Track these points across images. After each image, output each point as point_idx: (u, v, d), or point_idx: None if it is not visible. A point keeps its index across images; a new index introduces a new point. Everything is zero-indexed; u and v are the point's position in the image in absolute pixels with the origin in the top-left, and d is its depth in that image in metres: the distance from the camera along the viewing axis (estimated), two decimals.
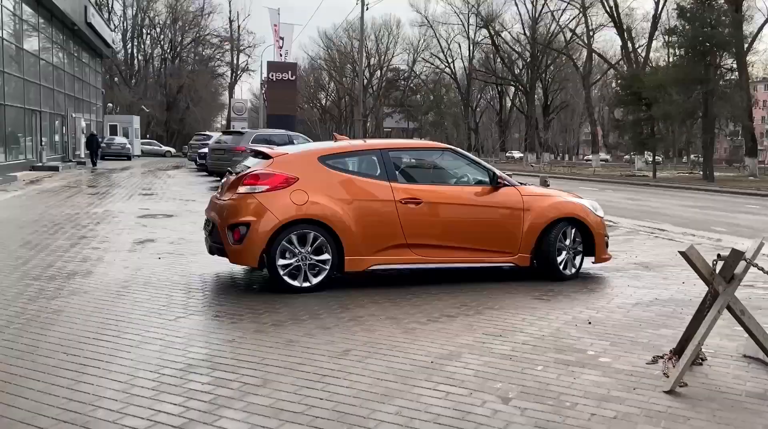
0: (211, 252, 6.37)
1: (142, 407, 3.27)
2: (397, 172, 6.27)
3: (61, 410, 3.21)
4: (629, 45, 44.37)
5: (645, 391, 3.59)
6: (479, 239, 6.34)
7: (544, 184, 10.83)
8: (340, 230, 5.83)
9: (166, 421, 3.12)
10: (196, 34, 66.17)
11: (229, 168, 6.96)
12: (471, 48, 66.63)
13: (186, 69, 65.20)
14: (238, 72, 69.48)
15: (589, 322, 5.03)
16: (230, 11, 68.40)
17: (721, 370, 3.99)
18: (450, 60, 69.67)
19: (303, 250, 5.79)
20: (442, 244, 6.20)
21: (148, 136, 57.95)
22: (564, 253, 6.61)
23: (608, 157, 68.80)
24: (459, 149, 7.00)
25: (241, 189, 5.92)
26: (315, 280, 5.83)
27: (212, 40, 68.15)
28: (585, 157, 65.51)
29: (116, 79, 61.99)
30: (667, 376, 3.73)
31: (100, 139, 33.69)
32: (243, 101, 60.15)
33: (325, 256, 5.86)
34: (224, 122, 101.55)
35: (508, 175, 6.94)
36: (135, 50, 65.81)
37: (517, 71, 63.42)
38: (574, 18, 52.73)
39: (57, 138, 30.79)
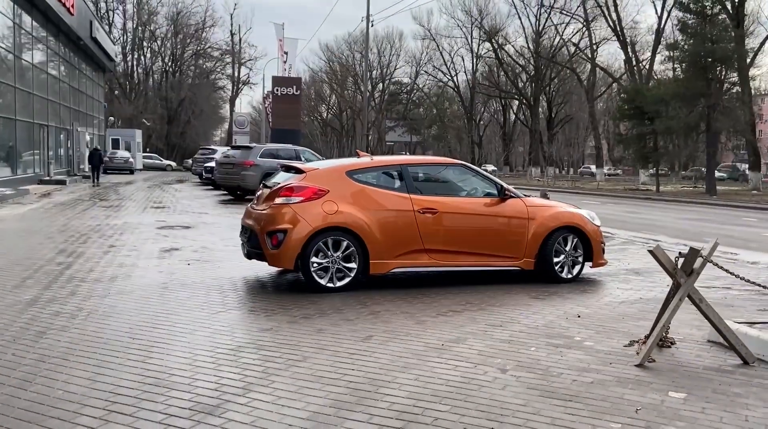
0: (249, 257, 7.30)
1: (208, 375, 4.15)
2: (415, 185, 7.22)
3: (141, 377, 4.08)
4: (633, 59, 45.51)
5: (619, 366, 4.46)
6: (488, 245, 7.26)
7: (544, 197, 11.74)
8: (365, 236, 6.74)
9: (231, 383, 3.99)
10: (197, 47, 67.52)
11: (264, 182, 7.87)
12: (474, 61, 67.88)
13: (186, 82, 66.46)
14: (239, 85, 70.83)
15: (579, 316, 5.90)
16: (231, 24, 69.48)
17: (686, 351, 4.86)
18: (453, 73, 71.05)
19: (333, 255, 6.69)
20: (455, 249, 7.12)
21: (147, 149, 59.01)
22: (562, 256, 7.51)
23: (619, 171, 69.74)
24: (470, 165, 7.96)
25: (278, 200, 6.83)
26: (341, 283, 6.73)
27: (213, 53, 69.57)
28: (581, 170, 66.15)
29: (116, 92, 63.21)
30: (638, 354, 4.60)
31: (102, 154, 34.57)
32: (244, 115, 61.26)
33: (353, 265, 6.75)
34: (223, 136, 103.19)
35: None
36: (135, 63, 67.17)
37: (520, 84, 64.57)
38: (577, 32, 54.02)
39: (61, 152, 31.77)
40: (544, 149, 58.05)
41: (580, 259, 7.66)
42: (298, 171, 7.28)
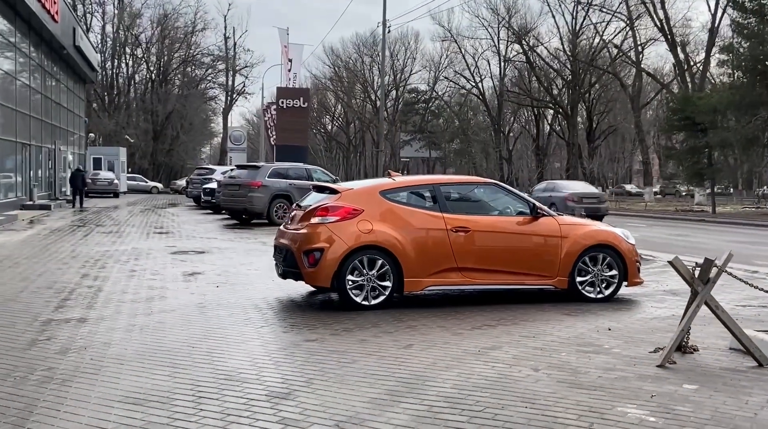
0: (284, 276, 8.68)
1: (272, 372, 5.48)
2: (448, 204, 8.56)
3: (214, 374, 5.41)
4: (684, 62, 46.96)
5: (642, 366, 5.75)
6: (521, 264, 8.57)
7: (582, 217, 13.08)
8: (399, 255, 8.07)
9: (293, 378, 5.32)
10: (186, 52, 69.84)
11: (297, 202, 9.27)
12: (502, 65, 69.66)
13: (174, 92, 68.68)
14: (234, 95, 73.00)
15: (609, 329, 7.19)
16: (225, 27, 71.84)
17: (706, 356, 6.14)
18: (478, 79, 72.71)
19: (368, 273, 8.02)
20: (488, 267, 8.44)
21: (130, 169, 60.96)
22: (588, 276, 8.79)
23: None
24: (502, 184, 9.33)
25: (314, 220, 8.21)
26: (376, 301, 8.05)
27: (204, 60, 71.87)
28: (615, 189, 67.11)
29: (94, 105, 65.41)
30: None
31: (85, 175, 36.12)
32: (241, 129, 63.38)
33: (387, 283, 8.07)
34: (213, 153, 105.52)
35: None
36: (116, 72, 69.54)
37: (555, 91, 66.17)
38: (620, 31, 55.60)
39: (41, 173, 33.46)
40: (583, 165, 59.32)
41: (615, 279, 8.90)
42: (333, 191, 8.67)
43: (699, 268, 5.89)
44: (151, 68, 70.78)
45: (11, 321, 7.37)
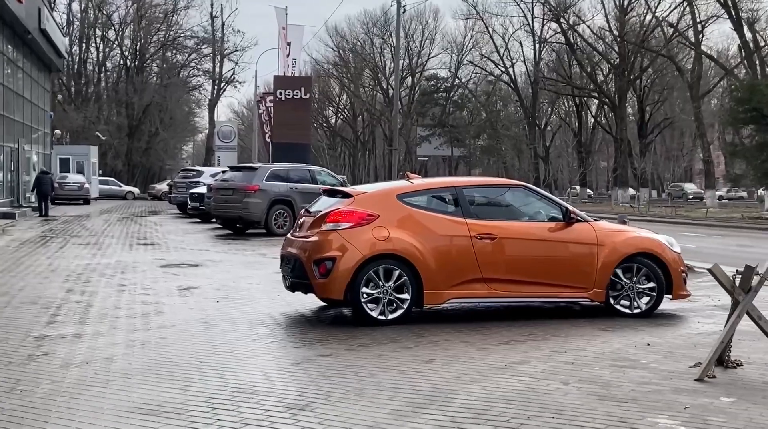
0: (293, 288, 9.41)
1: (287, 385, 6.23)
2: (471, 209, 9.27)
3: (227, 387, 6.16)
4: (751, 43, 47.51)
5: (679, 381, 6.45)
6: (553, 274, 9.25)
7: (622, 223, 13.77)
8: (419, 264, 8.77)
9: (310, 392, 6.05)
10: (166, 34, 71.03)
11: (304, 207, 10.02)
12: (537, 47, 70.45)
13: (153, 82, 69.86)
14: (222, 84, 74.12)
15: (648, 344, 7.89)
16: (212, 5, 73.00)
17: (750, 371, 6.83)
18: (508, 63, 73.52)
19: (385, 285, 8.72)
20: (516, 278, 9.13)
21: (101, 172, 62.06)
22: (620, 289, 9.43)
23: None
24: (531, 186, 10.06)
25: (325, 226, 8.93)
26: (393, 316, 8.75)
27: (187, 43, 73.06)
28: (670, 188, 67.52)
29: (59, 96, 66.68)
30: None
31: (53, 178, 37.06)
32: (231, 124, 64.42)
33: (405, 296, 8.76)
34: (196, 152, 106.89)
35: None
36: (83, 58, 70.73)
37: (600, 78, 66.84)
38: (676, 7, 56.18)
39: (1, 177, 34.44)
40: (634, 165, 59.91)
41: (653, 291, 9.53)
42: (345, 195, 9.42)
43: (740, 276, 6.59)
44: (126, 53, 72.01)
45: (3, 337, 8.15)
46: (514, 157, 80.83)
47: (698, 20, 53.30)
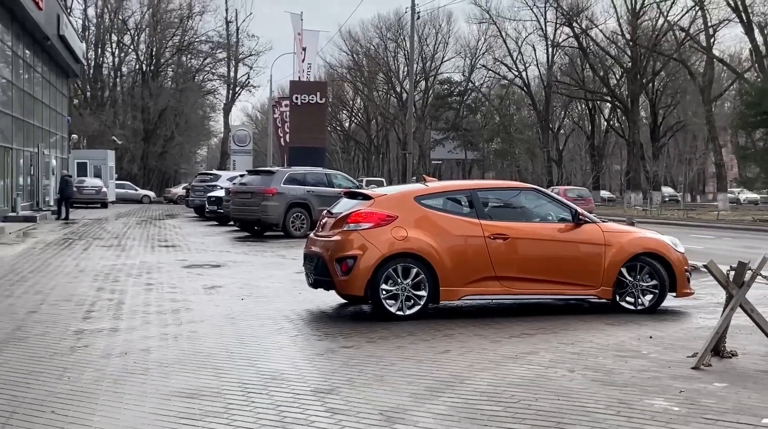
0: (315, 285, 9.99)
1: (313, 373, 6.77)
2: (485, 211, 9.81)
3: (258, 375, 6.69)
4: (762, 47, 47.83)
5: (677, 369, 6.94)
6: (563, 272, 9.78)
7: (630, 224, 14.26)
8: (435, 263, 9.30)
9: (335, 378, 6.59)
10: (182, 39, 71.84)
11: (321, 209, 10.58)
12: (550, 51, 70.90)
13: (168, 86, 70.68)
14: (236, 89, 74.89)
15: (651, 337, 8.39)
16: (227, 9, 73.78)
17: (744, 360, 7.31)
18: (521, 67, 73.97)
19: (403, 282, 9.26)
20: (528, 276, 9.66)
21: (116, 175, 62.86)
22: (627, 287, 9.93)
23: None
24: (541, 189, 10.58)
25: (347, 226, 9.48)
26: (411, 311, 9.29)
27: (202, 47, 73.85)
28: (666, 197, 67.20)
29: (75, 100, 67.55)
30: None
31: (72, 182, 37.76)
32: (246, 128, 65.06)
33: (422, 293, 9.31)
34: (211, 156, 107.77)
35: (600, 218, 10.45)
36: (99, 63, 71.58)
37: (613, 82, 67.23)
38: (687, 11, 56.55)
39: (22, 181, 35.17)
40: (646, 168, 60.20)
41: (658, 289, 10.01)
42: (365, 197, 9.98)
43: (733, 272, 7.08)
44: (141, 58, 72.97)
45: (43, 331, 8.73)
46: (527, 160, 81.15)
47: (710, 24, 53.66)
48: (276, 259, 16.84)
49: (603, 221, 10.51)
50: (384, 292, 9.26)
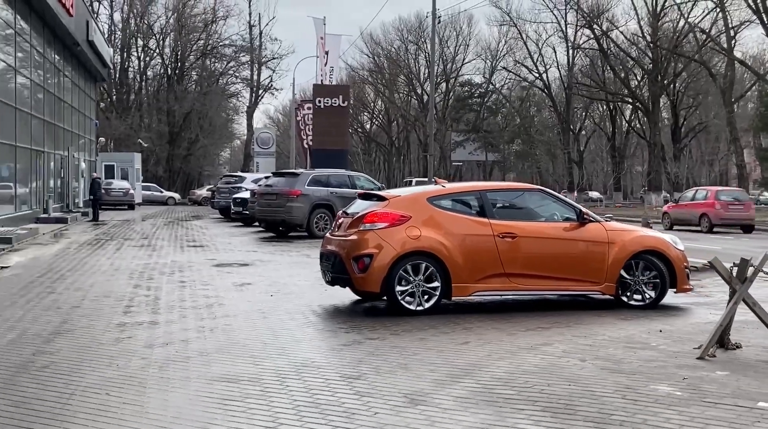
0: (333, 283, 10.52)
1: (342, 361, 7.29)
2: (494, 211, 10.30)
3: (291, 362, 7.22)
4: None
5: (682, 359, 7.39)
6: (568, 269, 10.26)
7: (647, 225, 14.70)
8: (447, 260, 9.80)
9: (362, 366, 7.10)
10: (206, 43, 72.78)
11: (344, 209, 11.09)
12: (570, 53, 71.18)
13: (193, 89, 71.63)
14: (259, 91, 75.70)
15: (660, 331, 8.83)
16: (250, 14, 74.81)
17: (747, 351, 7.75)
18: (542, 69, 74.38)
19: (417, 279, 9.77)
20: (535, 273, 10.16)
21: (142, 178, 63.79)
22: (629, 283, 10.39)
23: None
24: (547, 190, 11.06)
25: (363, 226, 10.00)
26: (427, 305, 9.79)
27: (225, 51, 74.74)
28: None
29: (102, 104, 68.61)
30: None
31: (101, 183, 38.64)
32: (269, 130, 65.79)
33: (435, 284, 9.82)
34: (234, 158, 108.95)
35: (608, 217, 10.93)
36: (125, 67, 72.66)
37: (634, 83, 67.33)
38: (708, 13, 56.61)
39: (52, 183, 36.01)
40: (667, 169, 60.34)
41: (659, 285, 10.43)
42: (380, 198, 10.49)
43: (737, 268, 7.52)
44: (166, 62, 73.91)
45: (88, 324, 9.31)
46: (548, 161, 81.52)
47: (731, 26, 53.69)
48: (301, 258, 17.37)
49: (606, 220, 11.01)
50: (399, 289, 9.74)
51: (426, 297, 9.83)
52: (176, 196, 61.45)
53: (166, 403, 5.95)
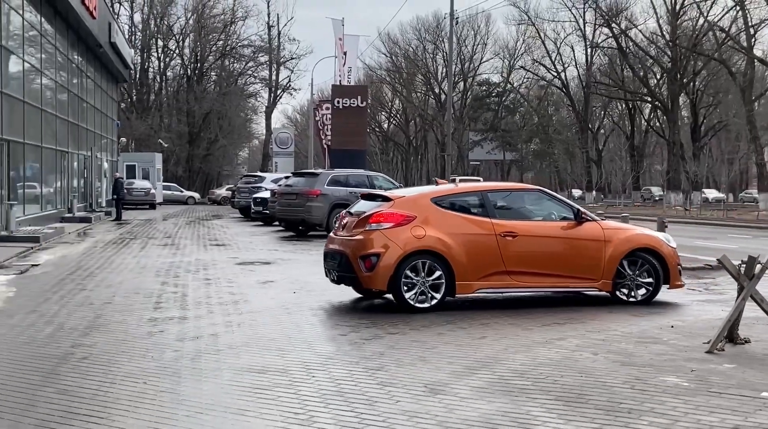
0: (338, 281, 10.87)
1: (364, 354, 7.65)
2: (496, 210, 10.66)
3: (317, 354, 7.59)
4: None
5: (692, 353, 7.70)
6: (567, 267, 10.62)
7: (662, 227, 14.96)
8: (451, 259, 10.14)
9: (383, 358, 7.46)
10: (225, 44, 73.42)
11: (348, 209, 11.44)
12: (589, 52, 71.24)
13: (212, 89, 72.29)
14: (278, 92, 76.24)
15: (672, 326, 9.14)
16: (269, 14, 75.28)
17: (756, 346, 8.04)
18: (560, 68, 74.41)
19: (422, 277, 10.10)
20: (535, 270, 10.53)
21: (162, 177, 64.43)
22: (624, 279, 10.73)
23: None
24: (547, 190, 11.46)
25: (369, 226, 10.34)
26: (432, 302, 10.13)
27: (244, 51, 75.32)
28: (711, 200, 65.85)
29: (122, 105, 69.37)
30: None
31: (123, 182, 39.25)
32: (287, 130, 66.29)
33: (440, 282, 10.16)
34: (252, 158, 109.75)
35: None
36: (145, 67, 73.40)
37: (653, 82, 67.27)
38: (728, 11, 56.53)
39: (76, 183, 36.64)
40: (686, 168, 60.27)
41: (652, 281, 10.75)
42: (385, 199, 10.85)
43: (745, 265, 7.82)
44: (186, 62, 74.58)
45: (121, 319, 9.73)
46: (566, 160, 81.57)
47: (750, 24, 53.58)
48: (321, 257, 17.61)
49: (603, 219, 11.37)
50: (405, 287, 10.08)
51: (431, 294, 10.16)
52: (196, 195, 62.06)
53: (200, 392, 6.33)
